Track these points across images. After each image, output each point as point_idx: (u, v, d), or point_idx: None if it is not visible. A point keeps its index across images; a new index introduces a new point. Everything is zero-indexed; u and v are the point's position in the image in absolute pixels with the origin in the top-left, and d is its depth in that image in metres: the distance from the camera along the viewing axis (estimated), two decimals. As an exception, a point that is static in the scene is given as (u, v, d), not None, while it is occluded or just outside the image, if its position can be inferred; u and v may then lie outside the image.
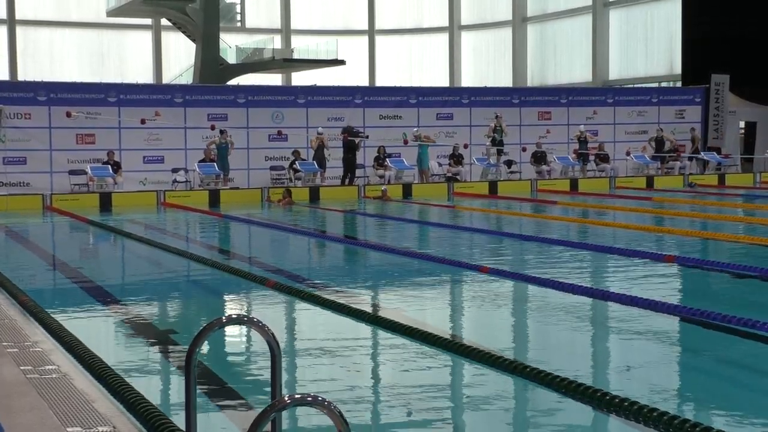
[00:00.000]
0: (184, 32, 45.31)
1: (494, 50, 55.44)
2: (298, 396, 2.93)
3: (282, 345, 4.09)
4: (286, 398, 2.94)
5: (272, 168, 25.90)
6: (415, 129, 26.82)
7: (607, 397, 5.08)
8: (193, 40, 44.39)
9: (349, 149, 25.59)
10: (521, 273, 10.35)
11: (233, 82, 41.19)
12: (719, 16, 32.14)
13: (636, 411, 4.81)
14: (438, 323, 8.20)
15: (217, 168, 24.46)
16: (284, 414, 3.51)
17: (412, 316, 8.14)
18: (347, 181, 25.63)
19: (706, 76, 30.67)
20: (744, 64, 30.85)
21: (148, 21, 51.55)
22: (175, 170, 24.94)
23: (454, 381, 6.41)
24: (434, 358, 6.65)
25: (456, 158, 27.20)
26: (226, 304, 9.69)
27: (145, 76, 49.95)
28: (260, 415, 2.95)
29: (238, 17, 53.99)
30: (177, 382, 6.13)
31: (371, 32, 56.92)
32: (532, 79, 53.11)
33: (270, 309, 8.93)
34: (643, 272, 10.60)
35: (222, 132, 24.64)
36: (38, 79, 35.73)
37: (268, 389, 4.02)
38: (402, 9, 57.52)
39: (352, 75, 49.35)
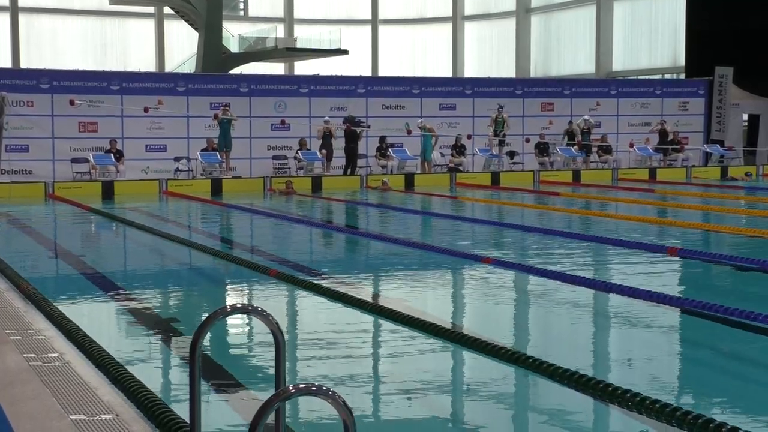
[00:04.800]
0: (186, 21, 45.26)
1: (498, 41, 55.35)
2: (303, 385, 2.93)
3: (285, 334, 4.09)
4: (291, 388, 2.94)
5: (275, 157, 25.89)
6: (420, 120, 26.79)
7: (609, 388, 5.09)
8: (196, 29, 44.34)
9: (351, 139, 25.57)
10: (523, 264, 10.35)
11: (236, 71, 41.17)
12: (723, 8, 32.02)
13: (638, 402, 4.82)
14: (440, 313, 8.21)
15: (218, 155, 24.44)
16: (288, 403, 3.51)
17: (415, 306, 8.15)
18: (349, 171, 25.61)
19: (709, 68, 30.60)
20: (748, 56, 30.74)
21: (150, 9, 51.49)
22: (177, 159, 24.93)
23: (455, 371, 6.42)
24: (436, 349, 6.65)
25: (458, 149, 27.17)
26: (228, 293, 9.70)
27: (148, 65, 49.92)
28: (264, 405, 2.95)
29: (241, 6, 53.95)
30: (179, 372, 6.14)
31: (374, 22, 56.83)
32: (536, 70, 53.03)
33: (272, 299, 8.94)
34: (645, 264, 10.60)
35: (226, 106, 24.64)
36: (41, 66, 35.73)
37: (272, 379, 4.02)
38: (405, -1, 57.48)
39: (355, 65, 49.31)
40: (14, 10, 49.43)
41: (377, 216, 18.38)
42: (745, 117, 32.26)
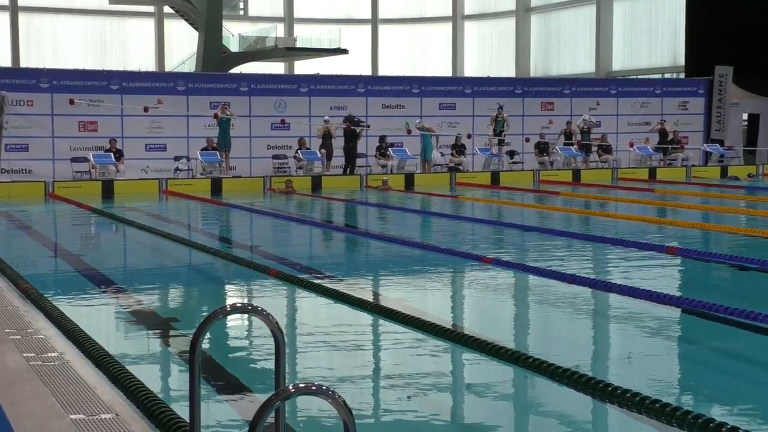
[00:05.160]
0: (186, 20, 45.26)
1: (497, 40, 55.35)
2: (303, 385, 2.93)
3: (285, 334, 4.09)
4: (291, 387, 2.94)
5: (275, 157, 25.90)
6: (417, 120, 26.80)
7: (609, 388, 5.08)
8: (196, 28, 44.33)
9: (350, 138, 25.56)
10: (523, 263, 10.35)
11: (236, 70, 41.17)
12: (723, 7, 32.03)
13: (638, 402, 4.82)
14: (440, 313, 8.21)
15: (218, 154, 24.44)
16: (288, 403, 3.51)
17: (414, 305, 8.15)
18: (348, 170, 25.62)
19: (709, 67, 30.61)
20: (748, 55, 30.76)
21: (150, 8, 51.49)
22: (177, 158, 24.93)
23: (455, 370, 6.42)
24: (436, 348, 6.65)
25: (458, 148, 27.17)
26: (228, 292, 9.70)
27: (148, 64, 49.91)
28: (264, 404, 2.95)
29: (241, 5, 53.94)
30: (179, 371, 6.13)
31: (374, 21, 56.82)
32: (535, 70, 53.02)
33: (272, 298, 8.94)
34: (644, 263, 10.60)
35: (225, 105, 24.65)
36: (41, 66, 35.70)
37: (272, 378, 4.02)
38: (405, -2, 57.48)
39: (355, 64, 49.31)
40: (14, 10, 49.42)
41: (377, 216, 18.37)
42: (745, 116, 32.27)
